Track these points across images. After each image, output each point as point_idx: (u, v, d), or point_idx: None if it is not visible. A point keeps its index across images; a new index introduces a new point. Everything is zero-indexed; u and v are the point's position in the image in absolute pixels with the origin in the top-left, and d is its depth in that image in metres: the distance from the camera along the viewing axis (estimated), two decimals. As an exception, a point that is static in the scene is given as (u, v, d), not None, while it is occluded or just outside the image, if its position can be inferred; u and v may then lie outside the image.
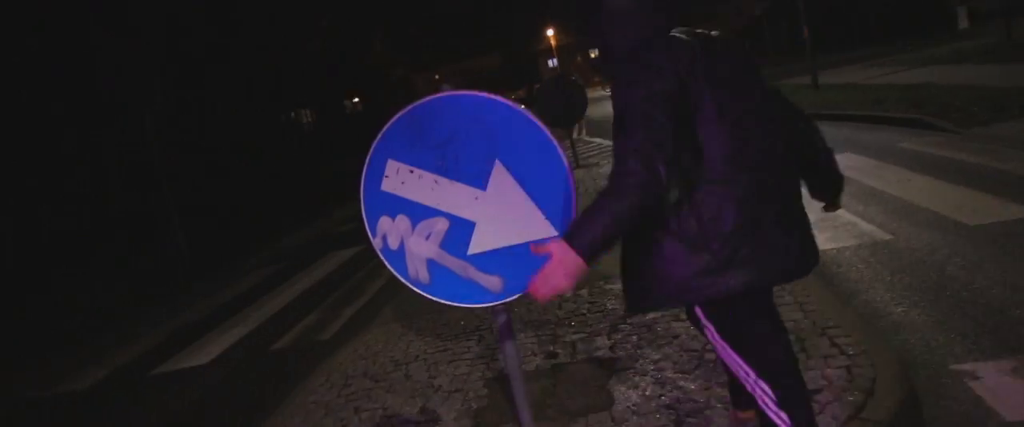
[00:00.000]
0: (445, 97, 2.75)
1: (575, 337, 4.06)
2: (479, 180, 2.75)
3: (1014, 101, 9.60)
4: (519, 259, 2.77)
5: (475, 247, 2.79)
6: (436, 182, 2.78)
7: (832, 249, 5.18)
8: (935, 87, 12.42)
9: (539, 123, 2.69)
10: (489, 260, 2.78)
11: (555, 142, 2.68)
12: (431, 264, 2.84)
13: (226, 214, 14.96)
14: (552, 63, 73.65)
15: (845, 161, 8.30)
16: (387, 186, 2.84)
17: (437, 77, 63.59)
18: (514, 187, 2.73)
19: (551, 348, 3.97)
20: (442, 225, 2.81)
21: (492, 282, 2.80)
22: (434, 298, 2.87)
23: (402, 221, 2.84)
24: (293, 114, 39.40)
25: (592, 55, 78.08)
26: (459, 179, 2.76)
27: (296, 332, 6.10)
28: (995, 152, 7.24)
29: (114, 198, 14.35)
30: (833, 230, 5.62)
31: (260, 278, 9.03)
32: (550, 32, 68.51)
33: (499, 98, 2.73)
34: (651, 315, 4.15)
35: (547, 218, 2.72)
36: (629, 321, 4.13)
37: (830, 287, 4.34)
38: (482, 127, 2.72)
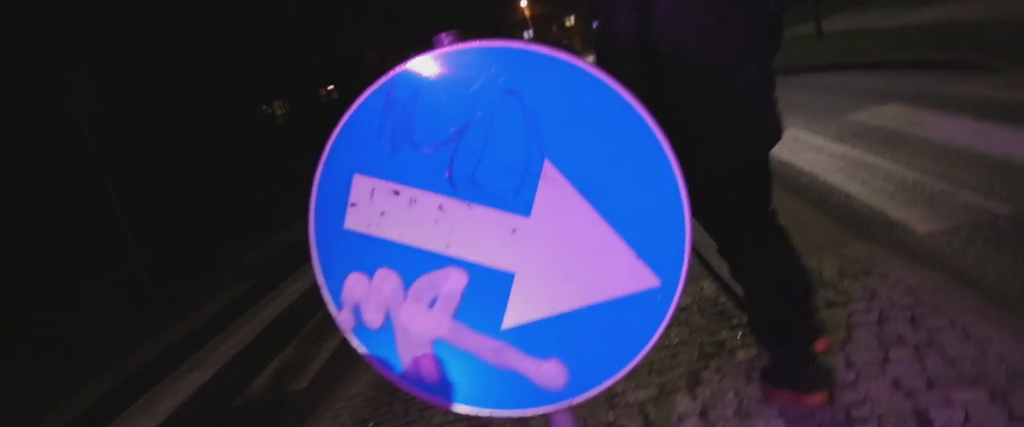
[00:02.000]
0: (447, 55, 1.55)
1: (641, 395, 2.88)
2: (517, 199, 1.56)
3: (1067, 31, 8.51)
4: (591, 330, 1.60)
5: (516, 316, 1.61)
6: (441, 208, 1.59)
7: (941, 231, 4.03)
8: (962, 24, 11.27)
9: (621, 89, 1.50)
10: (541, 335, 1.61)
11: (651, 121, 1.49)
12: (441, 349, 1.65)
13: (192, 224, 13.64)
14: (528, 34, 72.21)
15: (893, 113, 7.19)
16: (355, 221, 1.64)
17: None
18: (580, 206, 1.54)
19: (609, 418, 2.79)
20: (457, 281, 1.62)
21: (547, 372, 1.63)
22: (451, 406, 1.69)
23: (386, 279, 1.65)
24: (266, 107, 37.81)
25: (567, 23, 76.62)
26: (482, 200, 1.57)
27: (266, 376, 4.92)
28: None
29: (52, 214, 12.83)
30: (929, 206, 4.47)
31: (227, 299, 7.81)
32: (524, 2, 67.09)
33: (540, 47, 1.54)
34: (743, 356, 2.99)
35: (641, 256, 1.54)
36: (713, 364, 2.97)
37: (978, 296, 3.17)
38: (516, 105, 1.53)
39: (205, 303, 7.93)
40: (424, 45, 1.59)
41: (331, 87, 42.29)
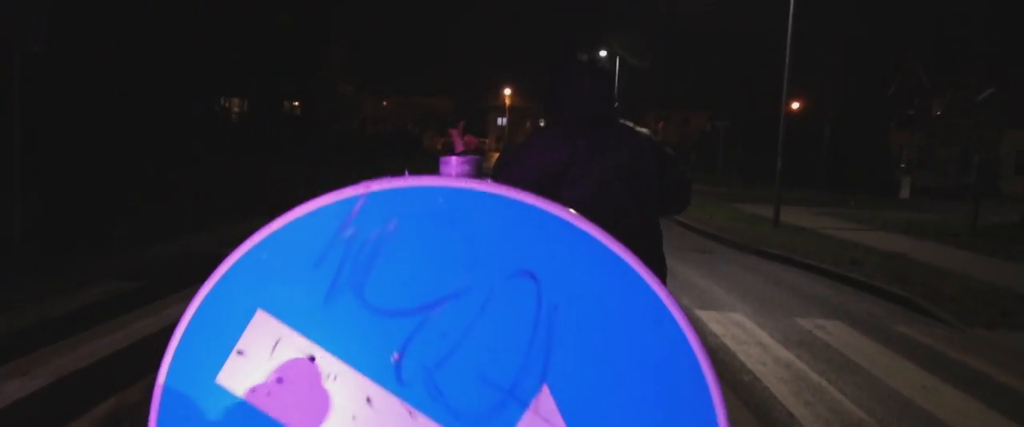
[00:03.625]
0: (451, 192, 1.05)
1: None
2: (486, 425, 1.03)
3: (1015, 305, 8.59)
4: None
5: None
6: (369, 402, 1.05)
7: (887, 498, 3.64)
8: (912, 262, 11.48)
9: (686, 325, 1.01)
10: None
11: (704, 356, 1.01)
12: None
13: (101, 199, 12.57)
14: (501, 121, 73.17)
15: (840, 333, 7.01)
16: (234, 378, 1.08)
17: (384, 104, 61.92)
18: (569, 470, 1.02)
19: None
20: (353, 512, 1.06)
21: None
22: None
23: (251, 475, 1.08)
24: (225, 102, 36.80)
25: (541, 123, 78.14)
26: (433, 412, 1.04)
27: (95, 417, 4.13)
28: (1021, 371, 6.03)
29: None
30: (874, 458, 4.10)
31: (98, 296, 6.91)
32: (508, 91, 68.41)
33: (590, 225, 1.04)
34: None
35: None
36: None
37: None
38: (529, 293, 1.02)
39: (70, 291, 7.01)
40: (398, 97, 1.09)
41: (297, 103, 41.61)
